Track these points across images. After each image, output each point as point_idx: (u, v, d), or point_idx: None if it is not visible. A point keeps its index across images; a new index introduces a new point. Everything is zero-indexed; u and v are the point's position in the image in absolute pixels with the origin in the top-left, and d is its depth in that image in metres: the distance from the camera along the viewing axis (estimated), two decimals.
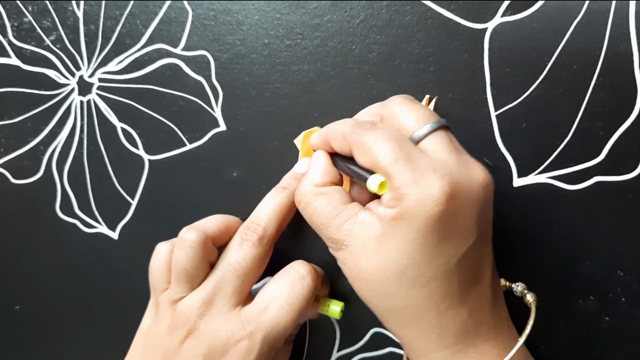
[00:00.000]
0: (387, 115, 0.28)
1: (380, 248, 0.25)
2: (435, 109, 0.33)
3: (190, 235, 0.30)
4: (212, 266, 0.31)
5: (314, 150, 0.31)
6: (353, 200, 0.28)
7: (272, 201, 0.32)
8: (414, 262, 0.24)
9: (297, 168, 0.34)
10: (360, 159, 0.26)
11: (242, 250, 0.30)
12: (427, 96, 0.33)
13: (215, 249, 0.32)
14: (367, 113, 0.30)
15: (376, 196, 0.27)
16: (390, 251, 0.24)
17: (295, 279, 0.31)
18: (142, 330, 0.33)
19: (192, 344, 0.29)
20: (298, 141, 0.35)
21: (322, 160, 0.29)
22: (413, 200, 0.23)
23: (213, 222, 0.32)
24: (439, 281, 0.25)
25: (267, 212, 0.32)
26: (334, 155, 0.30)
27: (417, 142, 0.26)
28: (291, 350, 0.37)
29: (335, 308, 0.34)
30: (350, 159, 0.28)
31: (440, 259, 0.24)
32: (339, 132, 0.27)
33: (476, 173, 0.25)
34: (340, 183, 0.29)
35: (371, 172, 0.26)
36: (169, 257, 0.32)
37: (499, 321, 0.28)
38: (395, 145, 0.25)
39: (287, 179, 0.33)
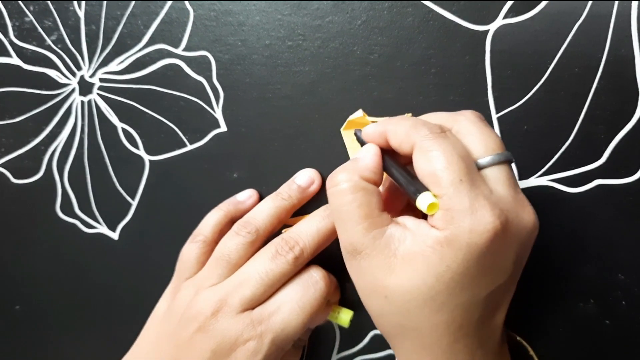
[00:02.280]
0: (457, 130, 0.26)
1: (411, 267, 0.24)
2: None
3: (247, 234, 0.32)
4: None
5: (362, 143, 0.29)
6: (385, 206, 0.27)
7: (319, 223, 0.32)
8: (446, 290, 0.24)
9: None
10: (421, 164, 0.25)
11: (274, 263, 0.31)
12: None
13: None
14: (435, 118, 0.28)
15: (408, 207, 0.26)
16: (424, 273, 0.24)
17: (309, 283, 0.31)
18: (156, 315, 0.34)
19: (201, 339, 0.30)
20: (344, 131, 0.34)
21: (374, 156, 0.27)
22: (465, 229, 0.23)
23: (267, 219, 0.33)
24: (463, 310, 0.24)
25: (311, 233, 0.31)
26: (385, 154, 0.28)
27: (480, 168, 0.25)
28: (300, 356, 0.36)
29: (345, 317, 0.34)
30: (399, 162, 0.27)
31: (472, 291, 0.24)
32: (402, 128, 0.26)
33: (527, 215, 0.25)
34: (380, 184, 0.28)
35: (423, 187, 0.25)
36: (210, 247, 0.34)
37: (503, 350, 0.28)
38: (463, 166, 0.24)
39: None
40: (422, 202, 0.24)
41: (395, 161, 0.27)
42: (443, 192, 0.24)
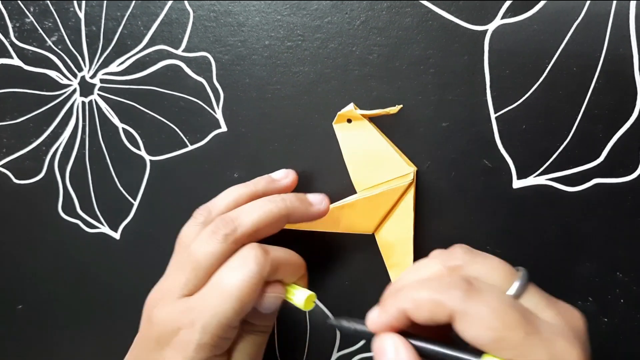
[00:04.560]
0: (474, 276, 0.24)
1: None
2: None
3: (200, 216, 0.32)
4: None
5: (376, 330, 0.25)
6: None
7: (263, 205, 0.31)
8: None
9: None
10: (474, 332, 0.22)
11: (208, 243, 0.29)
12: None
13: None
14: (432, 268, 0.26)
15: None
16: None
17: (237, 264, 0.29)
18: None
19: (147, 329, 0.30)
20: (337, 125, 0.34)
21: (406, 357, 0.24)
22: None
23: (224, 203, 0.32)
24: None
25: (251, 212, 0.30)
26: (409, 337, 0.24)
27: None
28: (265, 343, 0.34)
29: (299, 298, 0.30)
30: (427, 337, 0.24)
31: None
32: (425, 301, 0.23)
33: (578, 319, 0.24)
34: None
35: (479, 352, 0.22)
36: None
37: None
38: (517, 314, 0.22)
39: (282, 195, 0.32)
40: None
41: (424, 339, 0.24)
42: (515, 353, 0.21)
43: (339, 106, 0.34)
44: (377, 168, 0.34)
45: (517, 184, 0.33)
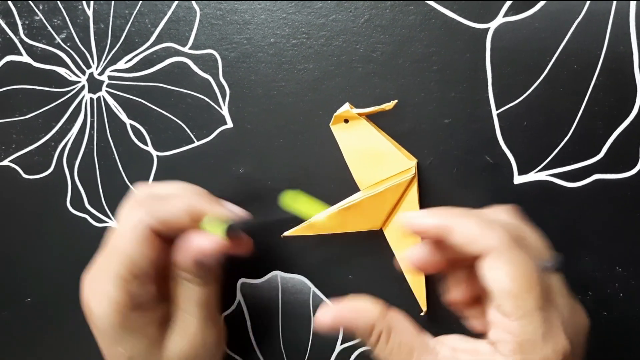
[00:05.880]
0: (522, 235, 0.26)
1: None
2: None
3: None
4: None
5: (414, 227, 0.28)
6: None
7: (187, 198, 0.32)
8: None
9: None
10: (498, 276, 0.24)
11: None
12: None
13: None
14: (499, 215, 0.28)
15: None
16: None
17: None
18: None
19: None
20: (335, 126, 0.35)
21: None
22: (538, 359, 0.22)
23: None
24: None
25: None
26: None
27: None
28: (211, 294, 0.34)
29: (209, 226, 0.31)
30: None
31: None
32: (475, 227, 0.25)
33: (583, 321, 0.26)
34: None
35: None
36: None
37: None
38: (543, 290, 0.23)
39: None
40: None
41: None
42: (515, 315, 0.23)
43: (343, 103, 0.35)
44: (378, 165, 0.34)
45: (518, 179, 0.33)
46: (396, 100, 0.32)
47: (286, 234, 0.35)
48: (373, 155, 0.34)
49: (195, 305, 0.33)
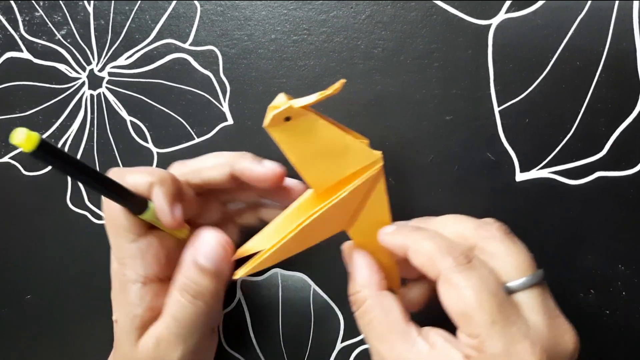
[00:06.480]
0: (482, 249, 0.26)
1: None
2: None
3: None
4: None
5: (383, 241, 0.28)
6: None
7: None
8: None
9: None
10: (449, 300, 0.24)
11: None
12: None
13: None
14: (455, 228, 0.27)
15: None
16: None
17: None
18: None
19: None
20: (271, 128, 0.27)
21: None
22: None
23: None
24: None
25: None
26: None
27: (511, 292, 0.24)
28: (216, 341, 0.36)
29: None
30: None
31: None
32: (425, 252, 0.25)
33: (569, 340, 0.24)
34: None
35: None
36: None
37: None
38: (495, 304, 0.23)
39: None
40: None
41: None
42: (473, 334, 0.23)
43: (344, 99, 0.35)
44: (337, 163, 0.28)
45: (520, 177, 0.33)
46: (344, 80, 0.26)
47: (238, 274, 0.29)
48: (330, 152, 0.28)
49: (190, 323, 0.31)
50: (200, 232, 0.30)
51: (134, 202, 0.28)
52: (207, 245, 0.30)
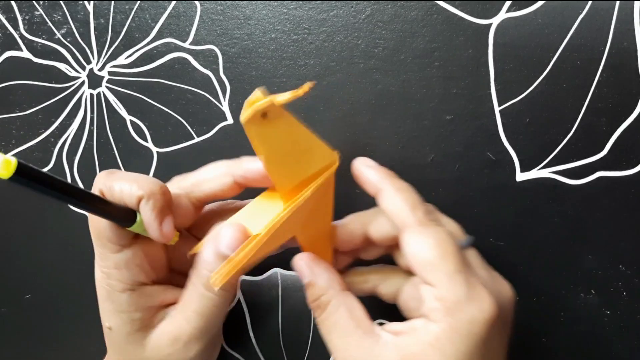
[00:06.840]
0: (434, 220, 0.27)
1: None
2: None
3: None
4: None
5: None
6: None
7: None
8: None
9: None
10: (415, 249, 0.25)
11: None
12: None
13: None
14: (409, 203, 0.27)
15: None
16: None
17: None
18: None
19: None
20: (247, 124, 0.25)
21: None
22: (464, 319, 0.23)
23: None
24: None
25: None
26: None
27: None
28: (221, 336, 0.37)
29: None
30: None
31: None
32: (399, 200, 0.27)
33: (506, 290, 0.26)
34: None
35: None
36: None
37: None
38: (459, 256, 0.25)
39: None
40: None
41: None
42: (438, 281, 0.24)
43: (344, 99, 0.35)
44: (300, 162, 0.28)
45: (520, 176, 0.33)
46: (313, 82, 0.27)
47: (215, 282, 0.27)
48: (297, 151, 0.27)
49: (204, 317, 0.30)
50: (216, 228, 0.30)
51: (121, 217, 0.28)
52: (227, 236, 0.29)
